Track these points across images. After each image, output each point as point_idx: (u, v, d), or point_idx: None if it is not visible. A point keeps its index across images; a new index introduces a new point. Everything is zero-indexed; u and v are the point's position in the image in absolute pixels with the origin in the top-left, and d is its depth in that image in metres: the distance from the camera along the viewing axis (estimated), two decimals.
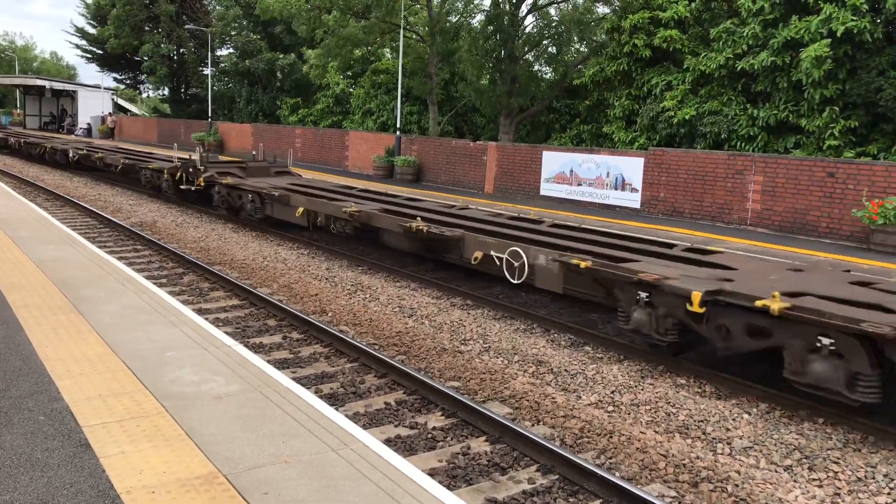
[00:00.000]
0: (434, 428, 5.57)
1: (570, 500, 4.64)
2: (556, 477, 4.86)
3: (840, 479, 5.02)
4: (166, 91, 48.92)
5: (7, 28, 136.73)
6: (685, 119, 17.64)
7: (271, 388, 4.73)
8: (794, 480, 5.00)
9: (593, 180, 17.15)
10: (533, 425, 5.72)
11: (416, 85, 26.44)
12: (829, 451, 5.41)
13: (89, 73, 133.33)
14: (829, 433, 5.71)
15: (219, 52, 43.37)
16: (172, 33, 44.22)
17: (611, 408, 6.13)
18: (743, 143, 16.77)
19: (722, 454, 5.34)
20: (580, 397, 6.34)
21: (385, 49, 30.85)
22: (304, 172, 19.36)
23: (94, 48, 50.01)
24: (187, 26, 42.56)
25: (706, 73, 17.66)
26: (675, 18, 19.15)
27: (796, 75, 15.39)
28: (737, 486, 4.89)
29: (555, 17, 24.29)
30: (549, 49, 24.53)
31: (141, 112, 61.24)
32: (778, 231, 13.90)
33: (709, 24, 19.00)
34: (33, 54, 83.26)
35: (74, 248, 9.27)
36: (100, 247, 10.74)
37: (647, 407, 6.15)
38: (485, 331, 8.13)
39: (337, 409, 5.37)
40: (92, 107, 47.92)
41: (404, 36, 24.10)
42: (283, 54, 38.09)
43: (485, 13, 24.12)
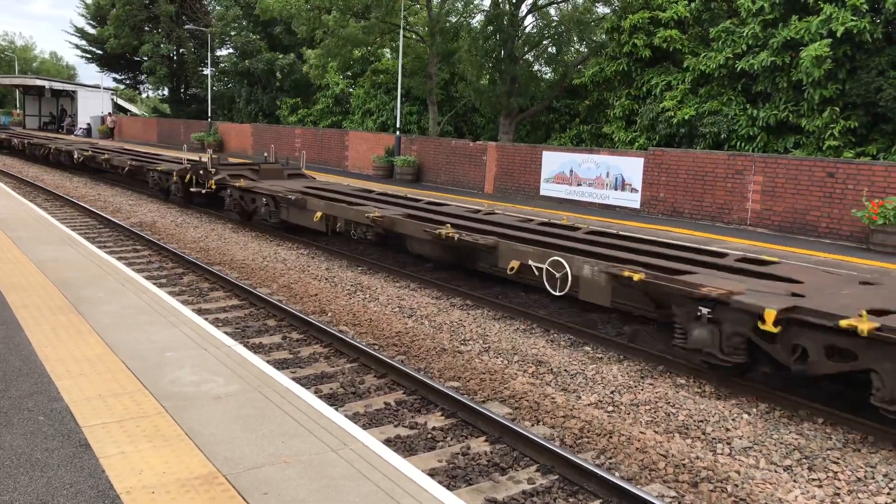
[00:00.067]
0: (434, 428, 5.58)
1: (570, 500, 4.64)
2: (556, 477, 4.86)
3: (840, 479, 5.03)
4: (166, 91, 48.95)
5: (7, 28, 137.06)
6: (685, 119, 17.64)
7: (271, 388, 4.73)
8: (794, 480, 5.00)
9: (593, 180, 17.16)
10: (533, 425, 5.72)
11: (415, 85, 26.44)
12: (828, 452, 5.41)
13: (89, 73, 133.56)
14: (828, 433, 5.72)
15: (218, 53, 43.41)
16: (172, 33, 44.22)
17: (610, 408, 6.13)
18: (743, 144, 16.76)
19: (722, 454, 5.35)
20: (580, 397, 6.34)
21: (385, 49, 30.84)
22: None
23: (94, 48, 50.04)
24: (187, 26, 42.58)
25: (706, 72, 17.67)
26: (674, 18, 19.14)
27: (796, 75, 15.39)
28: (736, 486, 4.89)
29: (555, 17, 24.31)
30: (549, 49, 24.53)
31: (140, 112, 61.25)
32: (778, 231, 13.90)
33: (708, 24, 18.99)
34: (33, 54, 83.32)
35: (74, 248, 9.27)
36: (99, 247, 10.75)
37: (647, 407, 6.15)
38: (484, 331, 8.13)
39: (336, 409, 5.37)
40: (91, 107, 47.93)
41: (404, 36, 24.10)
42: (282, 54, 38.08)
43: (484, 13, 24.13)
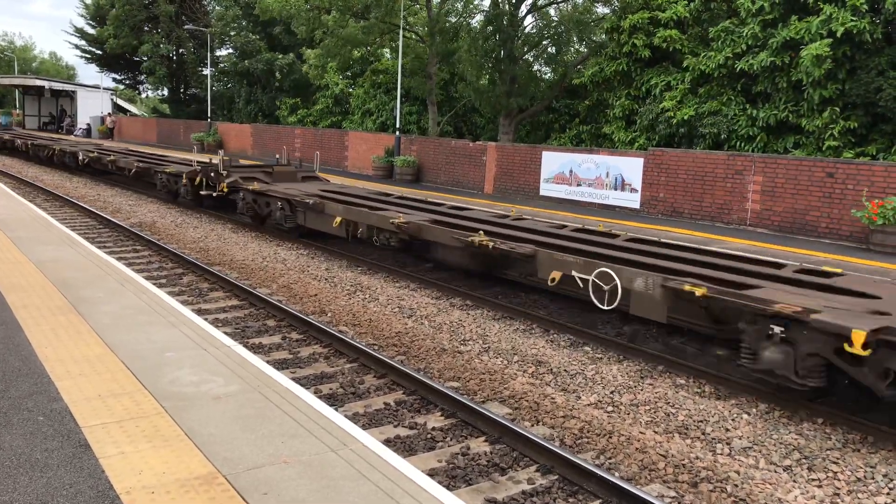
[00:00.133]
0: (433, 428, 5.58)
1: (570, 500, 4.64)
2: (556, 477, 4.86)
3: (839, 480, 5.03)
4: (165, 91, 48.96)
5: (6, 28, 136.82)
6: (684, 119, 17.64)
7: (271, 388, 4.73)
8: (794, 480, 5.00)
9: (593, 180, 17.15)
10: (532, 425, 5.72)
11: (415, 85, 26.43)
12: (828, 452, 5.42)
13: (89, 73, 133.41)
14: (828, 433, 5.72)
15: (218, 53, 43.40)
16: (172, 34, 44.22)
17: (610, 408, 6.13)
18: (742, 144, 16.77)
19: (721, 454, 5.35)
20: (580, 397, 6.35)
21: (384, 49, 30.84)
22: None
23: (94, 48, 50.06)
24: (186, 27, 42.59)
25: (706, 72, 17.67)
26: (674, 19, 19.15)
27: (796, 75, 15.39)
28: (736, 486, 4.89)
29: (554, 18, 24.30)
30: (549, 49, 24.52)
31: (140, 112, 61.24)
32: (777, 231, 13.90)
33: (708, 24, 18.99)
34: (32, 54, 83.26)
35: (74, 248, 9.27)
36: (99, 247, 10.74)
37: (647, 407, 6.15)
38: (484, 331, 8.13)
39: (336, 409, 5.37)
40: (91, 107, 47.93)
41: (403, 36, 24.10)
42: (282, 55, 38.09)
43: (484, 13, 24.12)
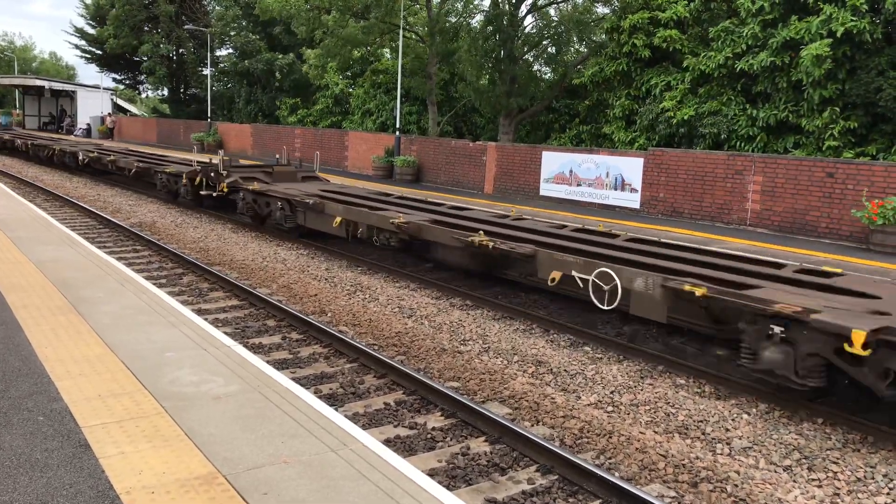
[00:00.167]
0: (433, 428, 5.58)
1: (570, 500, 4.64)
2: (556, 477, 4.86)
3: (839, 480, 5.03)
4: (165, 91, 48.96)
5: (6, 28, 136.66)
6: (684, 119, 17.64)
7: (271, 388, 4.73)
8: (794, 480, 5.00)
9: (593, 180, 17.15)
10: (532, 425, 5.72)
11: (415, 85, 26.43)
12: (828, 452, 5.42)
13: (89, 73, 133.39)
14: (828, 433, 5.72)
15: (218, 53, 43.40)
16: (172, 34, 44.22)
17: (610, 408, 6.13)
18: (742, 144, 16.77)
19: (721, 454, 5.35)
20: (580, 397, 6.35)
21: (384, 49, 30.83)
22: None
23: (94, 48, 50.06)
24: (186, 27, 42.58)
25: (706, 72, 17.67)
26: (674, 19, 19.15)
27: (796, 75, 15.39)
28: (736, 486, 4.89)
29: (554, 18, 24.30)
30: (549, 49, 24.52)
31: (140, 112, 61.25)
32: (777, 231, 13.90)
33: (708, 24, 18.99)
34: (32, 54, 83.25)
35: (74, 248, 9.27)
36: (99, 247, 10.74)
37: (647, 407, 6.15)
38: (484, 331, 8.13)
39: (336, 409, 5.37)
40: (91, 107, 47.93)
41: (403, 36, 24.10)
42: (281, 55, 38.09)
43: (484, 13, 24.12)
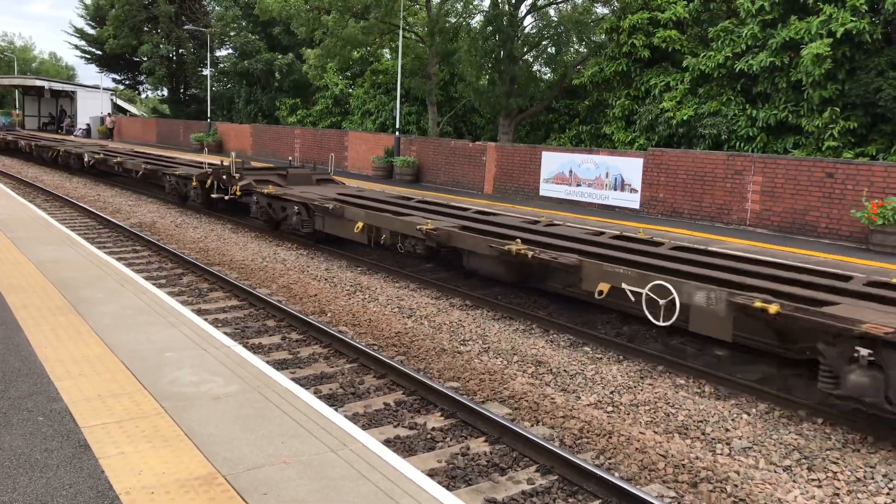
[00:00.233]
0: (433, 428, 5.58)
1: (570, 500, 4.64)
2: (556, 477, 4.87)
3: (839, 480, 5.03)
4: (165, 92, 48.96)
5: (6, 28, 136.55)
6: (683, 120, 17.65)
7: (270, 388, 4.73)
8: (794, 481, 5.00)
9: (592, 181, 17.15)
10: (532, 426, 5.72)
11: (415, 85, 26.43)
12: (828, 452, 5.42)
13: (88, 73, 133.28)
14: (828, 433, 5.72)
15: (218, 53, 43.38)
16: (171, 34, 44.22)
17: (610, 408, 6.13)
18: (742, 144, 16.77)
19: (721, 454, 5.35)
20: (579, 398, 6.35)
21: (384, 49, 30.83)
22: None
23: (94, 49, 50.06)
24: (186, 27, 42.57)
25: (705, 72, 17.67)
26: (673, 19, 19.16)
27: (796, 75, 15.39)
28: (736, 486, 4.89)
29: (554, 18, 24.31)
30: (549, 49, 24.53)
31: (140, 113, 61.25)
32: (777, 231, 13.90)
33: (708, 24, 19.00)
34: (32, 55, 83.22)
35: (73, 248, 9.26)
36: (99, 247, 10.74)
37: (647, 407, 6.15)
38: (484, 331, 8.13)
39: (336, 409, 5.37)
40: (91, 107, 47.91)
41: (403, 36, 24.10)
42: (281, 55, 38.08)
43: (484, 14, 24.12)
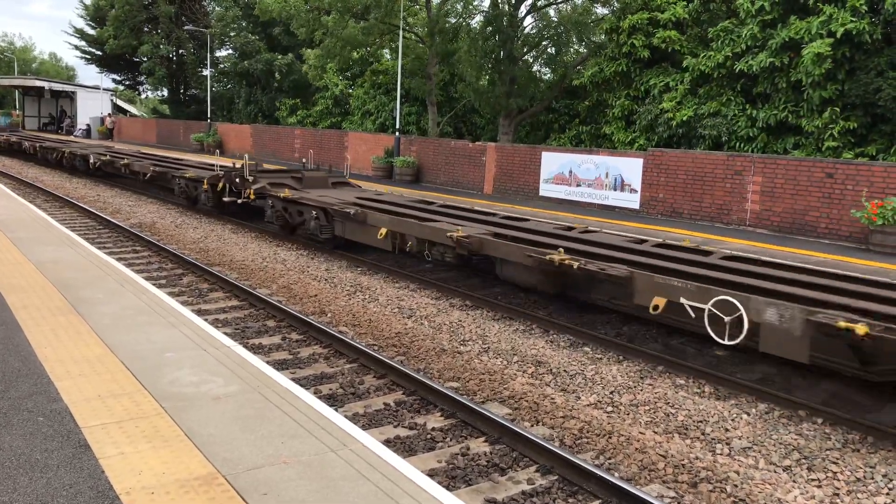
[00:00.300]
0: (433, 428, 5.58)
1: (570, 500, 4.64)
2: (556, 477, 4.87)
3: (839, 480, 5.03)
4: (165, 92, 48.94)
5: (6, 29, 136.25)
6: (683, 120, 17.65)
7: (270, 388, 4.73)
8: (793, 481, 5.00)
9: (592, 181, 17.15)
10: (532, 426, 5.72)
11: (415, 86, 26.44)
12: (827, 452, 5.42)
13: (88, 74, 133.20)
14: (827, 433, 5.72)
15: (218, 53, 43.37)
16: (171, 34, 44.21)
17: (610, 408, 6.13)
18: (742, 144, 16.77)
19: (721, 454, 5.35)
20: (579, 398, 6.35)
21: (384, 50, 30.84)
22: None
23: (94, 49, 50.04)
24: (186, 27, 42.54)
25: (705, 73, 17.67)
26: (673, 20, 19.15)
27: (795, 75, 15.39)
28: (736, 486, 4.90)
29: (554, 18, 24.31)
30: (549, 50, 24.53)
31: (139, 113, 61.24)
32: (777, 231, 13.90)
33: (707, 24, 19.00)
34: (32, 55, 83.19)
35: (73, 249, 9.26)
36: (99, 248, 10.74)
37: (647, 407, 6.15)
38: (484, 331, 8.13)
39: (336, 409, 5.37)
40: (91, 108, 47.91)
41: (403, 37, 24.10)
42: (281, 55, 38.08)
43: (484, 14, 24.12)
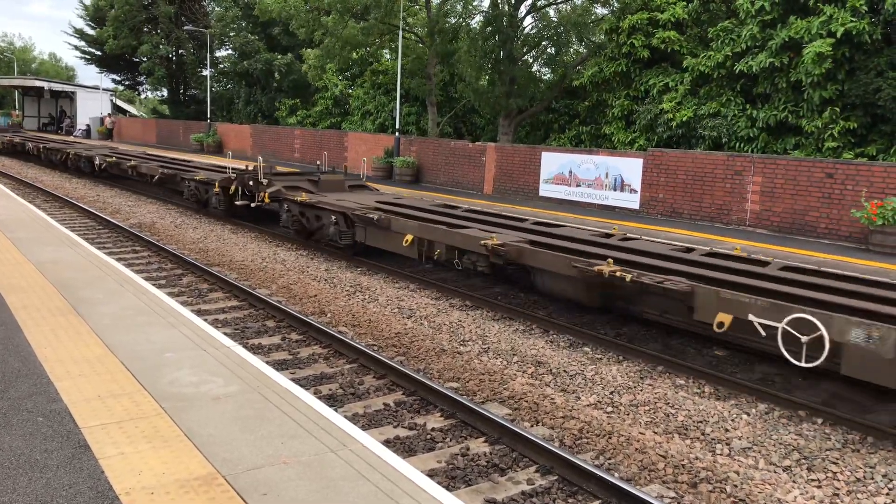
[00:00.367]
0: (433, 429, 5.58)
1: (570, 500, 4.64)
2: (556, 478, 4.87)
3: (839, 480, 5.03)
4: (165, 92, 48.92)
5: (6, 29, 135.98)
6: (683, 121, 17.65)
7: (270, 388, 4.73)
8: (793, 481, 5.00)
9: (592, 181, 17.15)
10: (532, 426, 5.72)
11: (415, 86, 26.44)
12: (827, 452, 5.42)
13: (88, 74, 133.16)
14: (827, 434, 5.72)
15: (217, 54, 43.36)
16: (171, 34, 44.19)
17: (610, 408, 6.13)
18: (742, 145, 16.77)
19: (721, 455, 5.35)
20: (579, 398, 6.35)
21: (384, 50, 30.84)
22: None
23: (93, 49, 50.01)
24: (186, 27, 42.53)
25: (705, 73, 17.67)
26: (672, 20, 19.16)
27: (795, 76, 15.39)
28: (736, 486, 4.90)
29: (554, 18, 24.31)
30: (548, 50, 24.53)
31: (139, 113, 61.24)
32: (777, 232, 13.90)
33: (707, 24, 19.01)
34: (32, 55, 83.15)
35: (73, 249, 9.26)
36: (99, 248, 10.74)
37: (646, 407, 6.15)
38: (484, 332, 8.13)
39: (336, 410, 5.37)
40: (91, 108, 47.91)
41: (403, 37, 24.10)
42: (281, 55, 38.08)
43: (483, 14, 24.12)
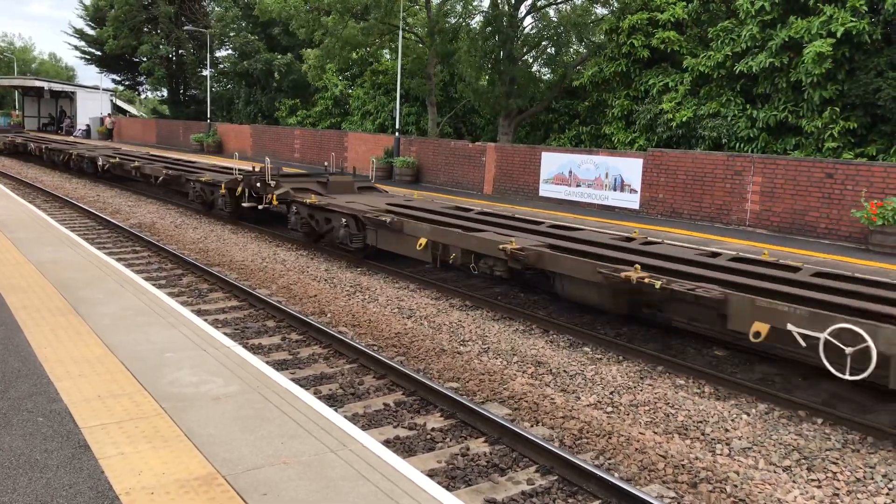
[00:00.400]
0: (433, 429, 5.58)
1: (570, 500, 4.64)
2: (555, 478, 4.87)
3: (839, 480, 5.03)
4: (165, 92, 48.92)
5: (6, 29, 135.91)
6: (683, 121, 17.65)
7: (270, 389, 4.73)
8: (793, 481, 5.00)
9: (592, 181, 17.15)
10: (532, 426, 5.72)
11: (415, 86, 26.45)
12: (827, 452, 5.42)
13: (88, 74, 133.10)
14: (827, 434, 5.72)
15: (217, 54, 43.36)
16: (171, 34, 44.19)
17: (610, 408, 6.13)
18: (742, 145, 16.78)
19: (721, 455, 5.35)
20: (579, 398, 6.35)
21: (384, 50, 30.84)
22: None
23: (93, 49, 50.03)
24: (186, 27, 42.52)
25: (705, 73, 17.68)
26: (672, 20, 19.16)
27: (795, 76, 15.40)
28: (736, 486, 4.90)
29: (553, 19, 24.32)
30: (548, 50, 24.54)
31: (139, 113, 61.24)
32: (777, 232, 13.91)
33: (707, 24, 19.01)
34: (32, 55, 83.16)
35: (73, 249, 9.26)
36: (98, 248, 10.74)
37: (646, 408, 6.15)
38: (484, 332, 8.13)
39: (336, 410, 5.37)
40: (90, 108, 47.92)
41: (403, 37, 24.10)
42: (280, 55, 38.08)
43: (483, 14, 24.12)
